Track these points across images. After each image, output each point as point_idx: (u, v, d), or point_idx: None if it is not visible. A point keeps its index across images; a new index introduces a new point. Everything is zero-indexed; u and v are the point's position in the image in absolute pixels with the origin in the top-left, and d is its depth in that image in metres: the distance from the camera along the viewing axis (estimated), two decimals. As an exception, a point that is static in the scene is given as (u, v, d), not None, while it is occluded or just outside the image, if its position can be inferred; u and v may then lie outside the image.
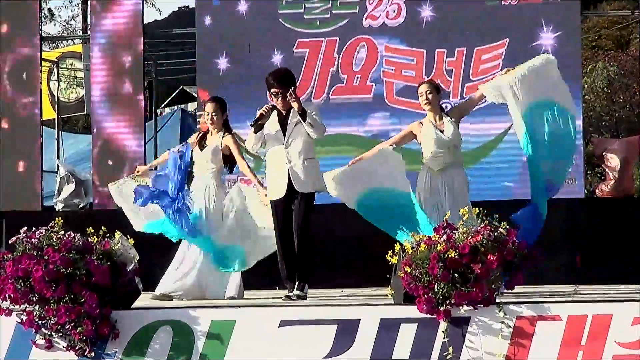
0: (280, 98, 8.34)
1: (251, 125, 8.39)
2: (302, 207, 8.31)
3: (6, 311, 6.96)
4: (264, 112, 8.36)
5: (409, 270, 6.64)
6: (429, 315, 6.60)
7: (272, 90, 8.39)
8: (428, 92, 8.46)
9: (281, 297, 8.26)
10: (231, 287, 8.81)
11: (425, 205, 8.26)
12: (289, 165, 8.30)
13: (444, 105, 11.40)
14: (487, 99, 8.46)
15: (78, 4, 28.87)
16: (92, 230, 7.07)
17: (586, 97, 20.05)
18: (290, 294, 8.26)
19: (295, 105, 8.22)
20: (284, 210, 8.37)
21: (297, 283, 8.30)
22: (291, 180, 8.30)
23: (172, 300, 8.66)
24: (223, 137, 8.98)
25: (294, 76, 8.58)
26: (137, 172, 9.34)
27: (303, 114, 8.22)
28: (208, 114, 9.02)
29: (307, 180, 8.33)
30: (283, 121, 8.37)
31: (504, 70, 8.33)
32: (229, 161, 9.06)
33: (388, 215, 8.08)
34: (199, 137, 9.11)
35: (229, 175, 11.63)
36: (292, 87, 8.32)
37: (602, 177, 13.02)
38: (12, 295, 6.86)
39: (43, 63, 13.64)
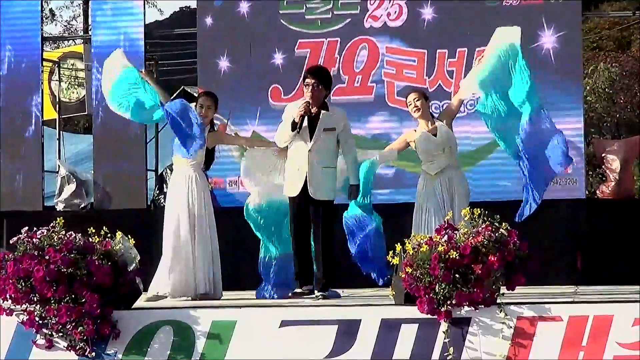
0: (311, 88, 8.36)
1: (294, 124, 8.31)
2: (324, 218, 8.39)
3: (7, 311, 6.96)
4: (306, 112, 8.31)
5: (410, 270, 6.65)
6: (429, 316, 6.61)
7: (306, 80, 8.43)
8: (416, 99, 8.63)
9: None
10: (201, 285, 8.78)
11: (426, 210, 8.38)
12: (308, 167, 8.34)
13: (444, 107, 11.50)
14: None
15: (79, 5, 28.88)
16: (93, 231, 7.08)
17: (587, 98, 20.03)
18: (299, 290, 8.36)
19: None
20: (300, 209, 8.41)
21: (320, 285, 8.39)
22: (307, 182, 8.34)
23: (165, 298, 8.65)
24: (209, 132, 8.97)
25: (330, 75, 8.70)
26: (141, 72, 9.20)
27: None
28: (202, 107, 8.95)
29: (323, 187, 8.39)
30: (312, 122, 8.37)
31: (476, 61, 8.59)
32: (206, 159, 9.06)
33: None
34: None
35: (230, 177, 11.69)
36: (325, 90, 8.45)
37: (603, 179, 13.02)
38: (13, 295, 6.87)
39: (44, 63, 13.65)
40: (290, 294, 8.39)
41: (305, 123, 8.34)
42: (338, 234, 8.65)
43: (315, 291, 8.38)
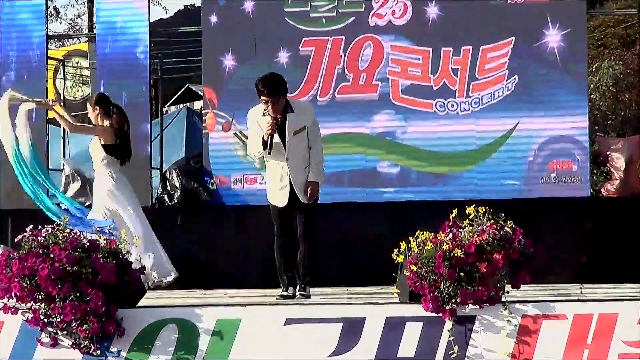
0: (271, 105, 8.27)
1: (263, 144, 8.28)
2: (308, 214, 8.36)
3: (12, 309, 6.97)
4: (274, 130, 8.27)
5: (414, 268, 6.65)
6: (434, 314, 6.61)
7: (262, 97, 8.32)
8: None
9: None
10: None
11: None
12: (291, 177, 8.31)
13: (449, 105, 11.47)
14: None
15: (84, 3, 28.88)
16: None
17: (592, 95, 20.00)
18: (285, 293, 8.30)
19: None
20: (285, 217, 8.40)
21: (300, 284, 8.34)
22: (294, 190, 8.31)
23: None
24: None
25: (284, 81, 8.48)
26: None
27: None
28: None
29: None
30: (280, 129, 8.31)
31: None
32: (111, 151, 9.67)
33: None
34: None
35: (235, 175, 11.67)
36: (281, 97, 8.32)
37: (608, 177, 13.00)
38: (18, 293, 6.87)
39: (49, 61, 13.65)
40: (277, 297, 8.28)
41: (276, 139, 8.28)
42: (337, 234, 8.67)
43: (297, 290, 8.33)
